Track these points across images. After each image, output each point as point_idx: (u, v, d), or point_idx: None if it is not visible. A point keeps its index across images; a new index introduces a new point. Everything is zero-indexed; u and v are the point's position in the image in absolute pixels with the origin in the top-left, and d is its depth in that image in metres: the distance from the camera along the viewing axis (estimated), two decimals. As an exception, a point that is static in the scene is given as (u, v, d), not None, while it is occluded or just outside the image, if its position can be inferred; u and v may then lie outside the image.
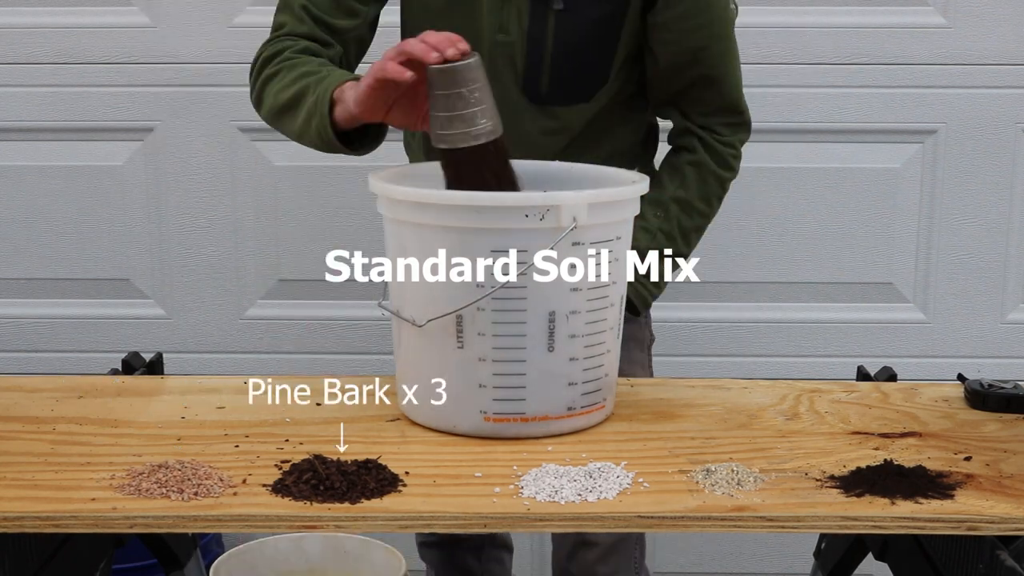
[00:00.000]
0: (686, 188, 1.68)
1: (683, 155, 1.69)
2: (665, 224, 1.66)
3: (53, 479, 1.19)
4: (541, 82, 1.62)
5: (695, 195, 1.68)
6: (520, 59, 1.61)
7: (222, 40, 2.40)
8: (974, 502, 1.15)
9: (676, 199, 1.67)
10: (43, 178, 2.46)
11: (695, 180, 1.68)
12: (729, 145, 1.69)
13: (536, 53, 1.60)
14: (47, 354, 2.51)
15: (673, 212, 1.67)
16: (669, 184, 1.68)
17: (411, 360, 1.35)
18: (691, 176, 1.68)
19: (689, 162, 1.68)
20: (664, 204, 1.67)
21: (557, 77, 1.62)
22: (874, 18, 2.36)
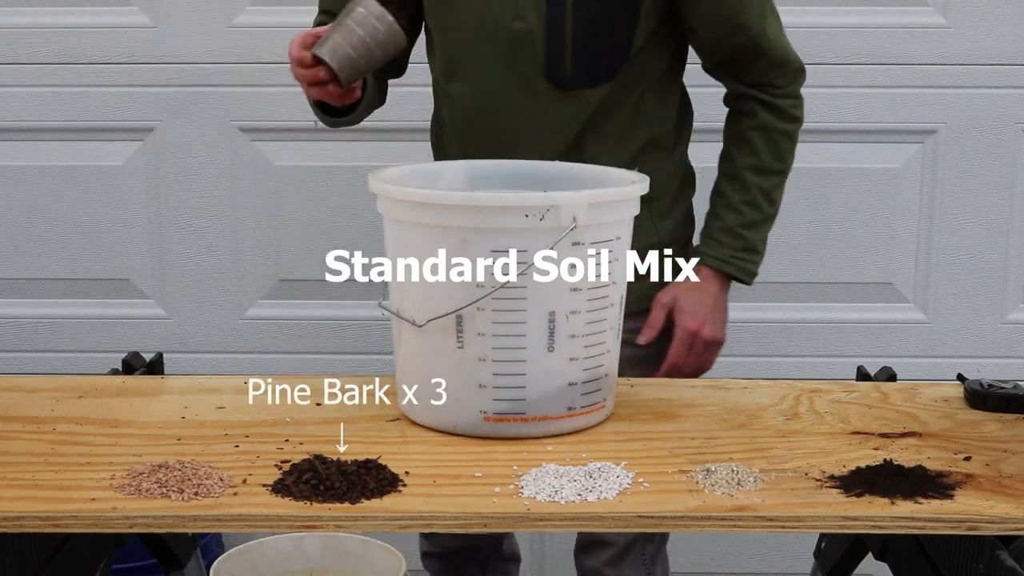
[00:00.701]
0: (757, 154, 1.69)
1: (744, 120, 1.70)
2: (746, 195, 1.69)
3: (53, 479, 1.19)
4: (565, 67, 1.60)
5: (768, 158, 1.69)
6: (541, 45, 1.60)
7: (222, 40, 2.40)
8: (974, 502, 1.15)
9: (749, 167, 1.69)
10: (43, 178, 2.46)
11: (764, 143, 1.69)
12: (789, 95, 1.69)
13: (557, 38, 1.59)
14: (47, 354, 2.51)
15: (751, 181, 1.68)
16: (738, 155, 1.70)
17: (411, 360, 1.35)
18: (758, 140, 1.69)
19: (753, 127, 1.69)
20: (739, 177, 1.69)
21: (580, 59, 1.60)
22: (874, 18, 2.36)
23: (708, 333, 1.69)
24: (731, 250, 1.70)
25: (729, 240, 1.70)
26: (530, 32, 1.60)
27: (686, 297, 1.70)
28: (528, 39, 1.60)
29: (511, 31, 1.60)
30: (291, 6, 2.40)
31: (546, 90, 1.63)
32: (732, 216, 1.70)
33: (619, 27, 1.60)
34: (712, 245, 1.71)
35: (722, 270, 1.71)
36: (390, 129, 2.42)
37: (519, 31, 1.60)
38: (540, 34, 1.60)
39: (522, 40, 1.61)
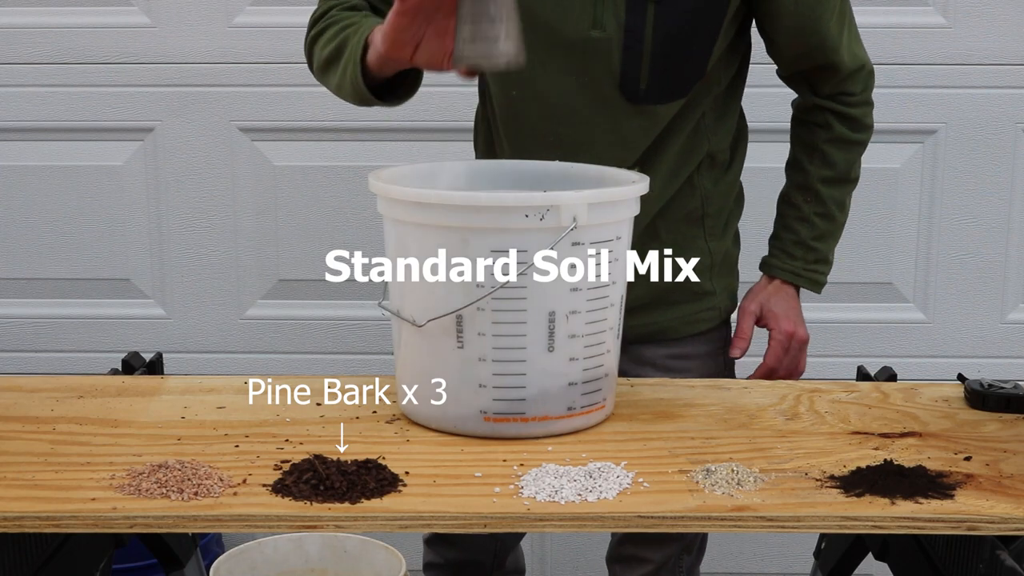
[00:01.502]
0: (833, 166, 1.68)
1: (820, 132, 1.67)
2: (820, 207, 1.68)
3: (53, 479, 1.19)
4: (640, 79, 1.54)
5: (843, 169, 1.68)
6: (617, 56, 1.54)
7: (222, 40, 2.40)
8: (974, 502, 1.15)
9: (824, 179, 1.68)
10: (43, 178, 2.46)
11: (840, 155, 1.68)
12: (863, 103, 1.67)
13: (635, 48, 1.52)
14: (47, 354, 2.51)
15: (825, 193, 1.68)
16: (811, 166, 1.68)
17: (411, 360, 1.35)
18: (834, 153, 1.67)
19: (828, 140, 1.67)
20: (813, 188, 1.68)
21: (657, 73, 1.54)
22: (874, 18, 2.36)
23: (803, 334, 1.72)
24: (803, 263, 1.71)
25: (802, 253, 1.71)
26: (608, 42, 1.53)
27: (774, 301, 1.72)
28: (605, 49, 1.54)
29: (588, 40, 1.54)
30: (291, 6, 2.40)
31: (619, 103, 1.57)
32: (806, 229, 1.70)
33: (699, 41, 1.55)
34: (784, 258, 1.72)
35: (794, 283, 1.73)
36: (390, 129, 2.42)
37: (596, 40, 1.54)
38: (617, 44, 1.53)
39: (598, 50, 1.54)
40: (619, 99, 1.57)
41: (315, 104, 2.42)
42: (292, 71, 2.41)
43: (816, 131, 1.68)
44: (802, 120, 1.71)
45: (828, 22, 1.59)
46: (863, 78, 1.66)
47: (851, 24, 1.64)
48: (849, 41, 1.63)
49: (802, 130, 1.71)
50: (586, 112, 1.59)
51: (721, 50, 1.58)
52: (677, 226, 1.64)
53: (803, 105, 1.70)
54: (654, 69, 1.54)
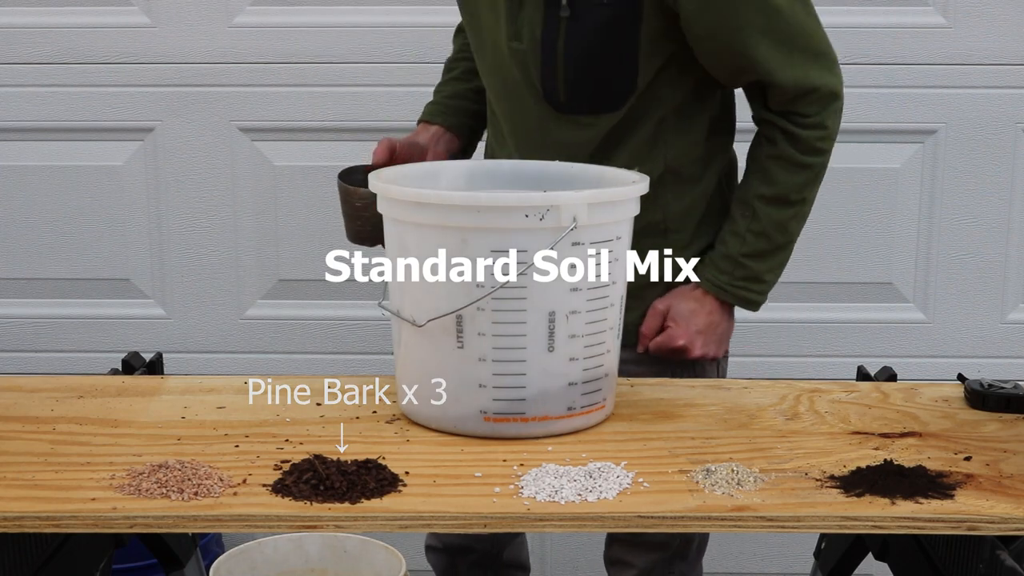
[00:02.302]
0: (772, 183, 1.60)
1: (764, 147, 1.62)
2: (755, 224, 1.61)
3: (53, 479, 1.19)
4: (559, 91, 1.58)
5: (784, 189, 1.61)
6: (535, 68, 1.58)
7: (222, 40, 2.40)
8: (974, 502, 1.15)
9: (761, 196, 1.61)
10: (43, 178, 2.46)
11: (782, 174, 1.60)
12: (816, 126, 1.59)
13: (550, 62, 1.56)
14: (47, 354, 2.51)
15: (761, 210, 1.61)
16: (753, 181, 1.62)
17: (411, 360, 1.35)
18: (775, 170, 1.60)
19: (770, 156, 1.60)
20: (750, 204, 1.62)
21: (575, 86, 1.57)
22: (874, 18, 2.36)
23: (683, 345, 1.62)
24: (730, 278, 1.64)
25: (729, 268, 1.63)
26: (525, 54, 1.58)
27: (683, 304, 1.65)
28: (524, 60, 1.58)
29: (511, 51, 1.59)
30: (291, 6, 2.40)
31: (548, 113, 1.60)
32: (736, 244, 1.63)
33: (618, 56, 1.55)
34: (711, 269, 1.65)
35: (718, 296, 1.65)
36: (390, 129, 2.42)
37: (516, 52, 1.58)
38: (534, 57, 1.57)
39: (520, 61, 1.59)
40: (545, 108, 1.61)
41: (315, 104, 2.42)
42: (292, 71, 2.41)
43: (762, 145, 1.63)
44: (757, 131, 1.66)
45: (752, 44, 1.53)
46: (816, 101, 1.58)
47: (794, 44, 1.55)
48: (790, 63, 1.55)
49: (753, 142, 1.66)
50: (527, 119, 1.64)
51: (656, 67, 1.57)
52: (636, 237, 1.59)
53: (755, 116, 1.65)
54: (570, 82, 1.57)
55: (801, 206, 1.63)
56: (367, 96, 2.42)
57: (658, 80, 1.58)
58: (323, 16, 2.39)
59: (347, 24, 2.39)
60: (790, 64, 1.55)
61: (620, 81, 1.57)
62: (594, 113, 1.59)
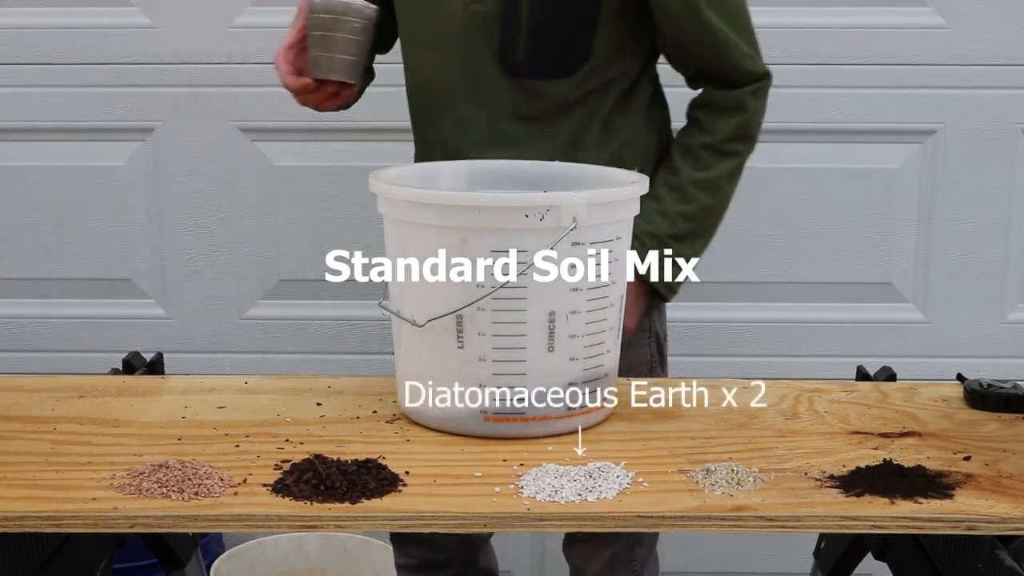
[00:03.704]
0: (704, 169, 1.61)
1: (696, 136, 1.63)
2: (686, 207, 1.61)
3: (54, 479, 1.19)
4: (517, 51, 1.58)
5: (715, 175, 1.62)
6: (496, 28, 1.58)
7: (222, 40, 2.40)
8: (973, 502, 1.15)
9: (694, 181, 1.61)
10: (43, 178, 2.46)
11: (713, 160, 1.62)
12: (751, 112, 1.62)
13: (512, 21, 1.57)
14: (47, 354, 2.51)
15: (692, 194, 1.61)
16: (684, 166, 1.62)
17: (411, 360, 1.35)
18: (707, 157, 1.62)
19: (702, 144, 1.62)
20: (681, 188, 1.62)
21: (534, 46, 1.58)
22: (874, 18, 2.36)
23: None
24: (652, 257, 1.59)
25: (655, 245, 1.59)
26: (487, 15, 1.58)
27: None
28: (484, 22, 1.59)
29: (470, 14, 1.59)
30: (291, 6, 2.39)
31: (500, 79, 1.61)
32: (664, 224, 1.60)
33: (578, 20, 1.56)
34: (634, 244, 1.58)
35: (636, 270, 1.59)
36: (390, 129, 2.42)
37: (476, 12, 1.59)
38: (496, 17, 1.58)
39: (477, 23, 1.59)
40: (497, 72, 1.60)
41: (315, 104, 2.42)
42: (292, 71, 2.41)
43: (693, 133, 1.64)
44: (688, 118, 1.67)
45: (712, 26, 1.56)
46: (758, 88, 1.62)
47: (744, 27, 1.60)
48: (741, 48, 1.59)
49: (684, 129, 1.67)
50: (468, 89, 1.63)
51: (612, 37, 1.58)
52: None
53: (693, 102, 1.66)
54: (531, 43, 1.57)
55: (724, 196, 1.65)
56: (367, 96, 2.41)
57: (612, 51, 1.60)
58: (323, 16, 2.39)
59: (347, 24, 2.39)
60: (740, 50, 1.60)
61: (576, 47, 1.58)
62: (546, 78, 1.60)
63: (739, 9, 1.61)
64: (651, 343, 1.75)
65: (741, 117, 1.62)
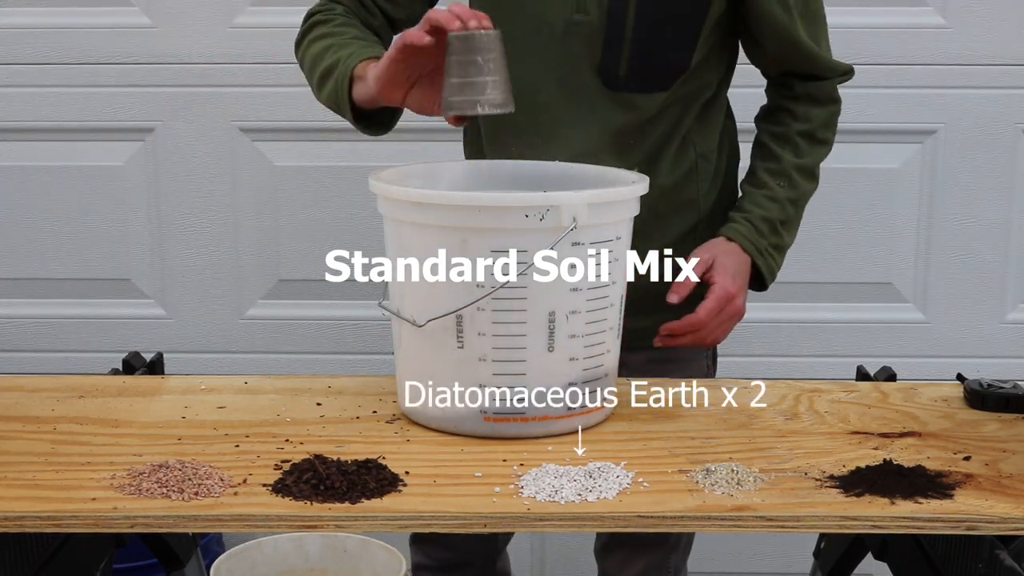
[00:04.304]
0: (802, 155, 1.65)
1: (792, 124, 1.65)
2: (791, 192, 1.64)
3: (54, 479, 1.19)
4: (620, 65, 1.55)
5: (811, 161, 1.66)
6: (598, 40, 1.55)
7: (222, 40, 2.40)
8: (973, 502, 1.15)
9: (797, 167, 1.64)
10: (43, 178, 2.46)
11: (809, 147, 1.65)
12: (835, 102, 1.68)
13: (616, 34, 1.54)
14: (47, 354, 2.51)
15: (798, 181, 1.64)
16: (784, 153, 1.64)
17: (411, 360, 1.35)
18: (804, 145, 1.65)
19: (799, 131, 1.65)
20: (785, 173, 1.64)
21: (637, 61, 1.55)
22: (874, 18, 2.36)
23: (741, 304, 1.57)
24: (767, 242, 1.61)
25: (767, 231, 1.62)
26: (590, 25, 1.54)
27: (728, 258, 1.57)
28: (586, 33, 1.55)
29: (570, 24, 1.55)
30: (291, 6, 2.39)
31: (596, 91, 1.58)
32: (776, 209, 1.63)
33: (682, 32, 1.55)
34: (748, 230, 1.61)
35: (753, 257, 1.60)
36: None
37: (579, 24, 1.55)
38: (600, 29, 1.54)
39: (580, 34, 1.55)
40: (597, 83, 1.58)
41: (315, 104, 2.40)
42: (292, 71, 2.39)
43: (787, 122, 1.66)
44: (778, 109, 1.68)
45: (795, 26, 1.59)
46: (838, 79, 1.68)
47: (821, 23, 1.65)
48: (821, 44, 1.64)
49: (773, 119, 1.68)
50: (562, 101, 1.59)
51: (708, 47, 1.58)
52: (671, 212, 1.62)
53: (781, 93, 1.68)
54: (634, 56, 1.55)
55: (817, 182, 1.69)
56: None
57: (703, 62, 1.60)
58: (323, 16, 2.39)
59: (347, 24, 2.39)
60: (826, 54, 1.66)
61: (676, 59, 1.57)
62: (646, 91, 1.58)
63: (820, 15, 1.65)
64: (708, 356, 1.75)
65: (833, 108, 1.68)
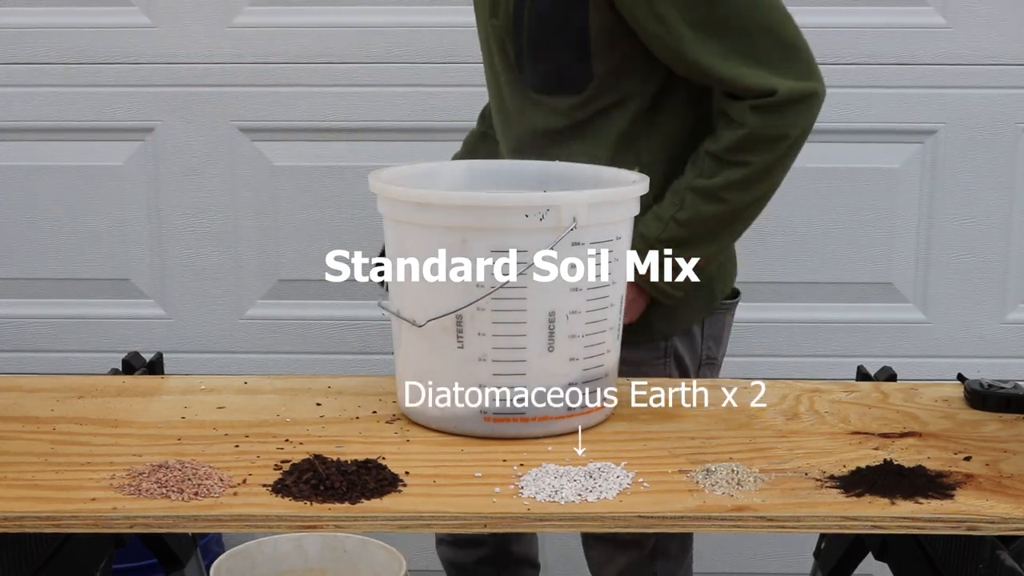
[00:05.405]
0: (705, 176, 1.55)
1: (707, 141, 1.57)
2: (682, 213, 1.56)
3: (53, 479, 1.19)
4: (527, 68, 1.61)
5: (714, 184, 1.55)
6: (509, 43, 1.61)
7: (222, 40, 2.40)
8: (974, 502, 1.15)
9: (692, 187, 1.56)
10: (43, 178, 2.46)
11: (713, 168, 1.55)
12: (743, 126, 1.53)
13: (519, 37, 1.59)
14: (47, 354, 2.51)
15: (690, 201, 1.55)
16: (689, 171, 1.58)
17: (411, 360, 1.35)
18: (708, 164, 1.55)
19: (708, 149, 1.56)
20: (680, 194, 1.57)
21: (540, 64, 1.60)
22: (874, 18, 2.36)
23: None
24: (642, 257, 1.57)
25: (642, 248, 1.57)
26: (501, 29, 1.62)
27: None
28: (503, 36, 1.62)
29: (491, 28, 1.64)
30: (291, 6, 2.40)
31: (523, 94, 1.64)
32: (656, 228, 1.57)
33: (572, 43, 1.56)
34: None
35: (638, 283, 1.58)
36: (390, 129, 2.42)
37: (495, 28, 1.63)
38: (508, 32, 1.61)
39: (498, 38, 1.64)
40: (520, 87, 1.64)
41: (315, 104, 2.42)
42: (292, 71, 2.41)
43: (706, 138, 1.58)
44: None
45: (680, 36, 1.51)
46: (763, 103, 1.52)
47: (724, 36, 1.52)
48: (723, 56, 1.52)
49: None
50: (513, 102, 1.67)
51: (614, 57, 1.56)
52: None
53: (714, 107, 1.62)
54: (537, 60, 1.60)
55: (730, 205, 1.57)
56: (367, 96, 2.42)
57: (618, 72, 1.58)
58: (323, 16, 2.39)
59: (347, 24, 2.39)
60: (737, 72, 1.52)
61: (575, 66, 1.58)
62: (555, 94, 1.61)
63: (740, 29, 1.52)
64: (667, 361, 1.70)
65: (742, 132, 1.53)
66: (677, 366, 1.71)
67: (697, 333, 1.72)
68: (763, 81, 1.52)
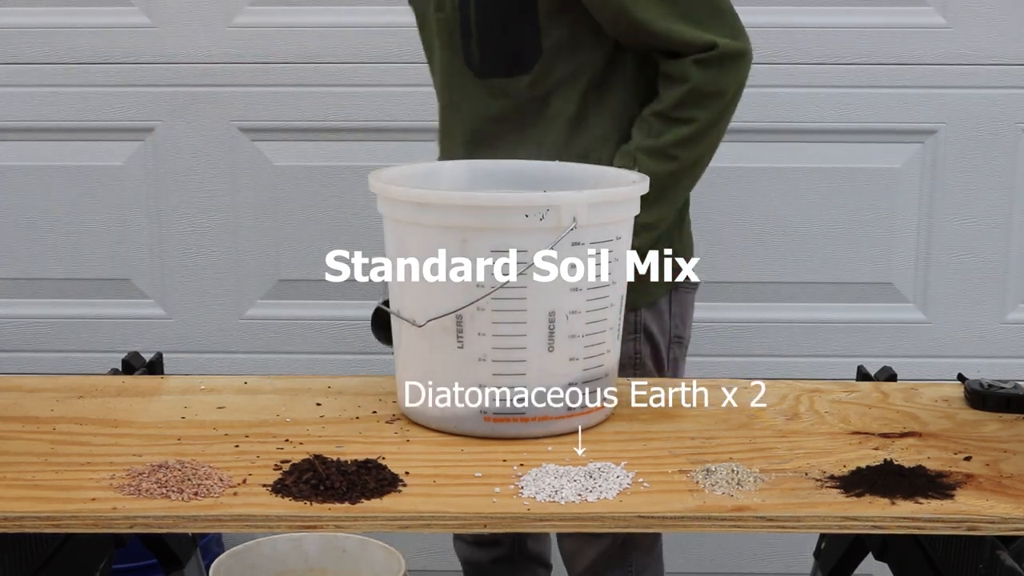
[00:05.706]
0: (652, 136, 1.60)
1: (651, 105, 1.62)
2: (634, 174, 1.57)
3: (53, 479, 1.19)
4: (475, 54, 1.64)
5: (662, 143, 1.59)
6: (456, 33, 1.64)
7: (222, 40, 2.40)
8: (974, 502, 1.15)
9: (641, 147, 1.60)
10: (43, 178, 2.46)
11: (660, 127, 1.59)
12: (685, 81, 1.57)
13: (466, 26, 1.63)
14: (47, 354, 2.51)
15: (643, 161, 1.58)
16: (636, 134, 1.62)
17: (411, 360, 1.35)
18: (656, 124, 1.60)
19: (653, 110, 1.61)
20: (631, 155, 1.60)
21: (488, 47, 1.63)
22: (874, 18, 2.36)
23: None
24: None
25: None
26: (447, 21, 1.65)
27: None
28: (449, 28, 1.65)
29: (437, 21, 1.68)
30: (291, 6, 2.40)
31: (470, 81, 1.67)
32: None
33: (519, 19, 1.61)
34: None
35: None
36: (390, 129, 2.42)
37: (440, 21, 1.67)
38: (455, 23, 1.64)
39: (444, 29, 1.66)
40: (469, 75, 1.67)
41: (315, 104, 2.42)
42: (292, 71, 2.41)
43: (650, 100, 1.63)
44: None
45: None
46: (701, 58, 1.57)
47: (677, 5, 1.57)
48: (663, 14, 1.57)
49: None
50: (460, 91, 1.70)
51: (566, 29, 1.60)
52: None
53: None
54: (484, 44, 1.63)
55: (680, 163, 1.60)
56: (367, 96, 2.42)
57: (566, 46, 1.62)
58: (323, 16, 2.39)
59: (347, 24, 2.39)
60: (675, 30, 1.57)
61: (525, 45, 1.62)
62: (507, 75, 1.64)
63: None
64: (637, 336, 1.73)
65: (685, 87, 1.58)
66: (648, 341, 1.74)
67: (664, 308, 1.75)
68: (702, 36, 1.58)
